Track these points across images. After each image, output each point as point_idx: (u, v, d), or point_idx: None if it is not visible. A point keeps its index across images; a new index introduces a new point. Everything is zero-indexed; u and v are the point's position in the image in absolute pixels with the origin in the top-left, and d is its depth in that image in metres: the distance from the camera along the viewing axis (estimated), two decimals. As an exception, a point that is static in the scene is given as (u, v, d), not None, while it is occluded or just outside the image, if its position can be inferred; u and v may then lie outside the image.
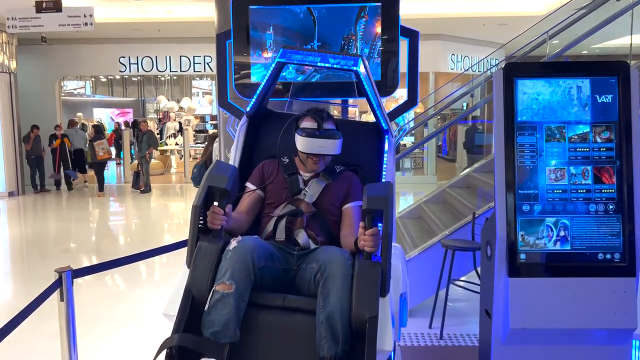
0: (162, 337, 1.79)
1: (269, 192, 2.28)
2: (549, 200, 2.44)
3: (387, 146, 2.43)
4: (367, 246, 1.84)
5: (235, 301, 1.76)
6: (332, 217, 2.25)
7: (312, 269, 1.93)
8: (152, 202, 10.67)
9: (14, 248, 7.34)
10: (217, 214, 1.88)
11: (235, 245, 1.86)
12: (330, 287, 1.80)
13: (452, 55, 12.22)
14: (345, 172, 2.34)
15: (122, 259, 2.83)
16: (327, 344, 1.74)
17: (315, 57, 2.01)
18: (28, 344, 3.93)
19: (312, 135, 2.18)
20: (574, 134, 2.45)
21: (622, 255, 2.40)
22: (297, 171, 2.30)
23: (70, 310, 2.49)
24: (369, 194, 1.84)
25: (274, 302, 1.88)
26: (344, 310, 1.76)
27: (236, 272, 1.79)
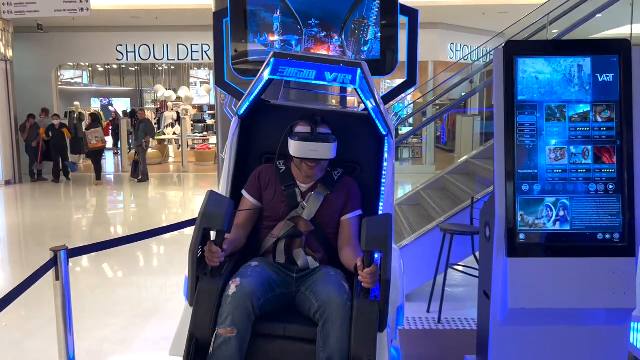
0: (157, 324, 1.81)
1: (265, 204, 2.25)
2: (549, 180, 2.42)
3: (387, 149, 2.35)
4: (365, 283, 1.85)
5: (238, 343, 1.83)
6: (331, 230, 2.24)
7: (311, 302, 1.95)
8: (149, 191, 10.64)
9: (11, 235, 7.32)
10: (215, 254, 1.88)
11: (235, 291, 1.88)
12: (329, 329, 1.85)
13: (452, 44, 12.16)
14: (344, 178, 2.29)
15: (118, 239, 2.81)
16: None
17: (310, 70, 1.90)
18: (23, 329, 3.93)
19: (305, 139, 2.12)
20: (575, 113, 2.43)
21: (621, 235, 2.38)
22: (294, 181, 2.24)
23: (66, 290, 2.47)
24: (367, 233, 1.81)
25: (275, 332, 1.94)
26: (344, 352, 1.82)
27: (237, 317, 1.84)
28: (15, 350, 3.55)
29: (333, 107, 2.56)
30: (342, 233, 2.21)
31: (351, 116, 2.51)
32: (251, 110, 2.36)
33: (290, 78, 1.95)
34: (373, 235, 1.79)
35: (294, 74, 1.92)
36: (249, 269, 2.01)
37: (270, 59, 1.93)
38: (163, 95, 17.28)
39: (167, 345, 3.53)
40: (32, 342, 3.67)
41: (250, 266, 2.04)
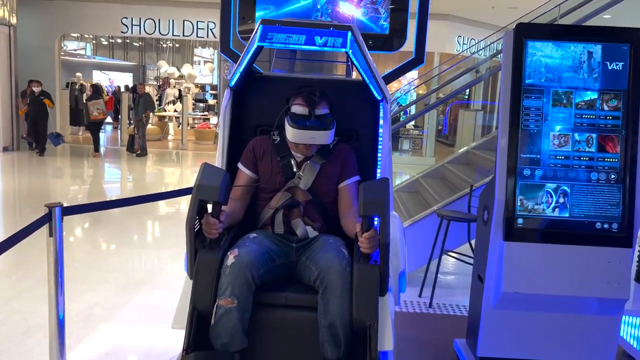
0: (148, 293, 1.79)
1: (261, 175, 2.22)
2: (551, 166, 2.40)
3: (383, 114, 2.31)
4: (364, 248, 1.84)
5: (239, 314, 1.82)
6: (329, 199, 2.21)
7: (311, 270, 1.94)
8: (147, 166, 10.60)
9: (6, 201, 7.30)
10: (213, 225, 1.86)
11: (233, 261, 1.86)
12: (329, 296, 1.84)
13: (459, 37, 12.09)
14: (339, 145, 2.25)
15: (113, 201, 2.79)
16: (329, 348, 1.82)
17: (299, 35, 1.87)
18: (13, 288, 3.92)
19: (302, 126, 2.05)
20: (581, 100, 2.41)
21: (620, 226, 2.37)
22: (290, 152, 2.20)
23: (59, 247, 2.45)
24: (365, 197, 1.79)
25: (276, 301, 1.93)
26: (345, 318, 1.82)
27: (236, 288, 1.83)
28: (4, 309, 3.54)
29: (326, 76, 2.49)
30: (342, 200, 2.19)
31: (346, 84, 2.45)
32: (243, 82, 2.32)
33: (280, 45, 1.92)
34: (370, 200, 1.77)
35: (283, 40, 1.89)
36: (247, 240, 2.00)
37: (258, 26, 1.91)
38: (166, 71, 17.17)
39: (157, 314, 3.55)
40: (21, 302, 3.66)
41: (249, 237, 2.02)
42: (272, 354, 1.92)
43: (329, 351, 1.82)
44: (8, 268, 4.36)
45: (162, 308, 3.70)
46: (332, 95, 2.23)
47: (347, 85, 2.45)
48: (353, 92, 2.39)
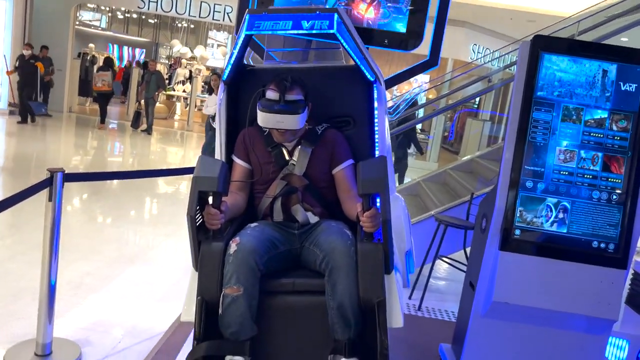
0: (140, 267, 1.78)
1: (254, 166, 2.21)
2: (554, 181, 2.40)
3: (377, 95, 2.29)
4: (367, 227, 1.83)
5: (246, 301, 1.81)
6: (324, 184, 2.20)
7: (316, 254, 1.94)
8: (150, 144, 10.61)
9: (7, 164, 7.31)
10: (214, 216, 1.85)
11: (236, 249, 1.86)
12: (335, 277, 1.84)
13: (474, 45, 12.04)
14: (327, 131, 2.24)
15: (115, 172, 2.79)
16: (340, 329, 1.82)
17: (286, 21, 1.87)
18: (8, 251, 3.94)
19: (269, 109, 2.03)
20: (591, 118, 2.40)
21: (616, 246, 2.37)
22: (279, 143, 2.20)
23: (57, 212, 2.46)
24: (363, 176, 1.78)
25: (284, 287, 1.93)
26: (353, 298, 1.81)
27: (241, 275, 1.82)
28: (-4, 271, 3.56)
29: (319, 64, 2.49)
30: (340, 186, 2.18)
31: (339, 70, 2.43)
32: (237, 75, 2.31)
33: (267, 31, 1.93)
34: (369, 178, 1.76)
35: (270, 27, 1.90)
36: (249, 229, 2.00)
37: (245, 16, 1.93)
38: (179, 51, 17.15)
39: (147, 289, 3.56)
40: (14, 265, 3.68)
41: (250, 227, 2.02)
42: (283, 340, 1.92)
43: (340, 332, 1.82)
44: (4, 231, 4.37)
45: (153, 284, 3.71)
46: (325, 82, 2.23)
47: (340, 71, 2.43)
48: (347, 77, 2.37)
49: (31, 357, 2.56)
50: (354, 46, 2.07)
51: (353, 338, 1.83)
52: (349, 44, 2.04)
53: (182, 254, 4.58)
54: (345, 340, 1.82)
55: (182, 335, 2.80)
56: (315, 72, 2.36)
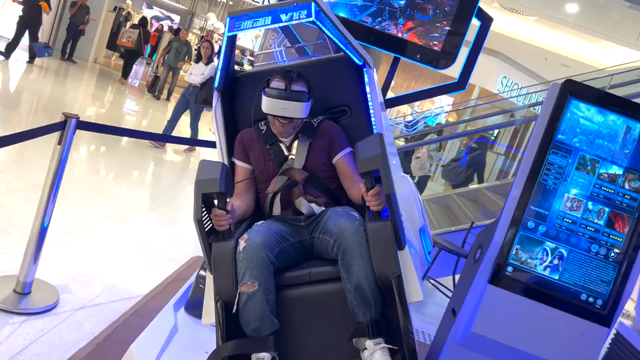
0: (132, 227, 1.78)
1: (254, 165, 2.21)
2: (556, 226, 2.39)
3: (368, 79, 2.30)
4: (373, 206, 1.82)
5: (263, 296, 1.79)
6: (325, 174, 2.21)
7: (326, 241, 1.93)
8: (167, 110, 10.63)
9: (24, 102, 7.34)
10: (220, 217, 1.85)
11: (244, 246, 1.85)
12: (349, 259, 1.82)
13: (504, 77, 12.01)
14: (323, 123, 2.25)
15: (129, 130, 2.80)
16: (360, 311, 1.80)
17: (265, 17, 1.89)
18: (8, 185, 3.96)
19: (276, 96, 2.07)
20: (605, 172, 2.39)
21: (604, 303, 2.36)
22: (277, 138, 2.21)
23: (64, 155, 2.47)
24: (360, 155, 1.78)
25: (301, 279, 1.92)
26: (369, 277, 1.79)
27: (254, 270, 1.81)
28: (-8, 202, 3.58)
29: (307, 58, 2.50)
30: (342, 173, 2.19)
31: (330, 62, 2.45)
32: (229, 81, 2.33)
33: (248, 29, 1.96)
34: (367, 156, 1.75)
35: (250, 25, 1.93)
36: (255, 226, 2.00)
37: (226, 19, 1.99)
38: (213, 25, 17.17)
39: (133, 251, 3.58)
40: (11, 200, 3.70)
41: (257, 224, 2.03)
42: (307, 331, 1.90)
43: (361, 314, 1.80)
44: (7, 165, 4.40)
45: (141, 246, 3.73)
46: (318, 76, 2.24)
47: (330, 63, 2.44)
48: (337, 68, 2.39)
49: (9, 293, 2.58)
50: (337, 33, 2.07)
51: (375, 318, 1.79)
52: (332, 31, 2.05)
53: (175, 223, 4.60)
54: (368, 321, 1.79)
55: (160, 302, 2.80)
56: (305, 67, 2.36)
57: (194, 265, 3.55)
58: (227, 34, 2.02)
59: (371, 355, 1.74)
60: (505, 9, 8.81)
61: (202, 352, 2.23)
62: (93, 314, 2.72)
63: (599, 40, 8.80)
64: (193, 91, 7.01)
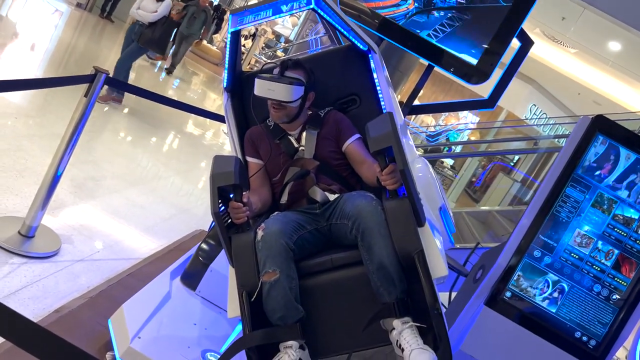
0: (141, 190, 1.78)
1: (265, 160, 2.21)
2: (562, 259, 2.37)
3: (374, 65, 2.29)
4: (389, 185, 1.79)
5: (285, 283, 1.77)
6: (336, 162, 2.20)
7: (345, 225, 1.90)
8: (195, 83, 10.68)
9: (58, 52, 7.43)
10: (237, 209, 1.84)
11: (263, 234, 1.84)
12: (369, 239, 1.79)
13: (533, 105, 11.90)
14: (329, 113, 2.25)
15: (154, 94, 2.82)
16: (385, 291, 1.76)
17: (266, 10, 1.92)
18: (28, 130, 4.01)
19: (264, 78, 2.07)
20: (621, 214, 2.36)
21: (598, 345, 2.33)
22: (285, 132, 2.21)
23: (88, 109, 2.49)
24: (371, 135, 1.76)
25: (322, 266, 1.90)
26: (391, 256, 1.76)
27: (274, 258, 1.79)
28: (12, 143, 3.62)
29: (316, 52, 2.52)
30: (354, 159, 2.18)
31: (336, 52, 2.46)
32: (238, 82, 2.34)
33: (250, 24, 2.01)
34: (378, 135, 1.74)
35: (252, 19, 1.97)
36: (272, 216, 2.00)
37: (229, 17, 2.03)
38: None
39: (140, 214, 3.61)
40: (30, 144, 3.75)
41: (273, 215, 2.02)
42: (333, 317, 1.88)
43: (386, 294, 1.75)
44: (31, 110, 4.45)
45: (147, 210, 3.76)
46: (324, 68, 2.24)
47: (336, 53, 2.45)
48: (343, 58, 2.39)
49: (14, 234, 2.62)
50: (339, 20, 2.07)
51: (401, 297, 1.75)
52: (332, 18, 2.05)
53: (186, 194, 4.63)
54: (394, 300, 1.75)
55: (157, 268, 2.83)
56: (313, 60, 2.37)
57: (196, 237, 3.57)
58: (230, 30, 2.05)
59: (399, 334, 1.69)
60: (547, 37, 8.71)
61: (191, 323, 2.25)
62: (91, 268, 2.75)
63: (636, 83, 8.68)
64: (139, 30, 6.07)
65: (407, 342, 1.65)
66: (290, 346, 1.74)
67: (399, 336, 1.69)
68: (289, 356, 1.72)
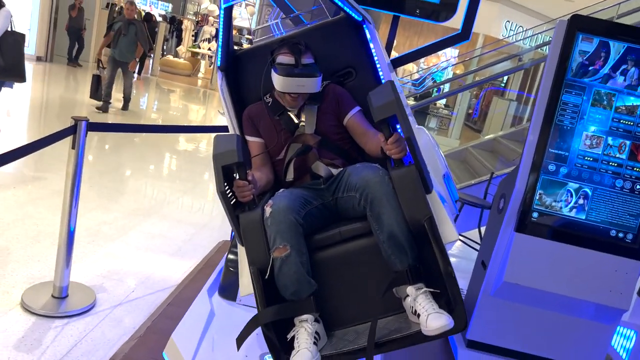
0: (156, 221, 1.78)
1: (265, 138, 2.19)
2: (577, 166, 2.36)
3: (370, 36, 2.27)
4: (395, 154, 1.79)
5: (296, 258, 1.77)
6: (338, 137, 2.19)
7: (352, 197, 1.89)
8: (172, 100, 10.64)
9: (33, 109, 7.40)
10: (243, 187, 1.83)
11: (271, 211, 1.83)
12: (378, 208, 1.79)
13: (507, 22, 11.73)
14: (327, 87, 2.23)
15: (138, 125, 2.81)
16: (397, 259, 1.76)
17: None
18: (30, 195, 4.02)
19: (290, 74, 2.03)
20: (622, 104, 2.34)
21: (634, 237, 2.34)
22: (285, 108, 2.18)
23: (79, 160, 2.49)
24: (374, 104, 1.75)
25: (331, 239, 1.90)
26: (400, 223, 1.76)
27: (284, 233, 1.79)
28: (18, 212, 3.64)
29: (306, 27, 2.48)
30: (356, 131, 2.17)
31: (328, 26, 2.42)
32: (232, 59, 2.30)
33: None
34: (381, 104, 1.73)
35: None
36: (277, 193, 2.00)
37: None
38: (206, 8, 16.97)
39: (162, 242, 3.64)
40: (35, 208, 3.76)
41: (279, 192, 2.02)
42: (345, 289, 1.88)
43: (398, 262, 1.75)
44: (26, 175, 4.46)
45: (167, 238, 3.78)
46: (318, 42, 2.21)
47: (329, 27, 2.41)
48: (337, 31, 2.36)
49: (48, 298, 2.65)
50: None
51: (413, 264, 1.75)
52: None
53: (198, 212, 4.64)
54: (406, 267, 1.75)
55: (193, 290, 2.86)
56: (305, 35, 2.33)
57: (221, 249, 3.60)
58: (222, 5, 2.00)
59: (414, 300, 1.70)
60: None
61: (241, 333, 2.27)
62: (130, 308, 2.78)
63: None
64: None
65: (422, 308, 1.66)
66: (305, 320, 1.75)
67: (413, 302, 1.70)
68: (306, 330, 1.73)
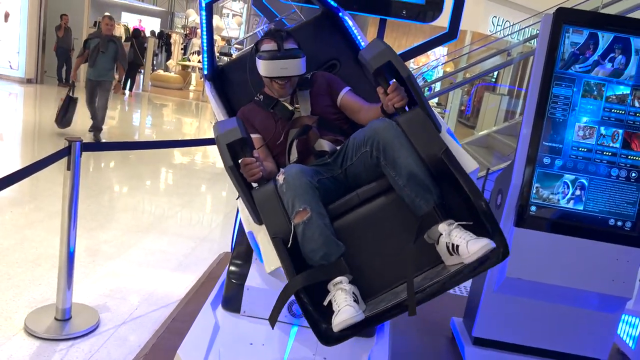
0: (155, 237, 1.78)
1: (264, 132, 2.19)
2: (572, 157, 2.37)
3: (351, 22, 2.34)
4: (396, 102, 1.78)
5: (318, 220, 1.73)
6: (334, 117, 2.22)
7: (364, 154, 1.84)
8: (165, 114, 10.63)
9: (25, 132, 7.38)
10: (251, 164, 1.80)
11: (284, 177, 1.81)
12: (392, 152, 1.75)
13: (494, 17, 11.78)
14: (315, 74, 2.27)
15: (132, 143, 2.81)
16: (422, 200, 1.70)
17: None
18: (27, 218, 4.01)
19: (273, 57, 2.05)
20: (613, 94, 2.36)
21: (633, 225, 2.35)
22: (277, 100, 2.20)
23: (75, 181, 2.49)
24: (367, 57, 1.75)
25: (350, 203, 1.87)
26: (418, 162, 1.72)
27: (301, 196, 1.75)
28: (16, 237, 3.63)
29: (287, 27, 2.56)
30: (351, 109, 2.20)
31: (306, 25, 2.49)
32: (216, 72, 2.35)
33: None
34: (374, 54, 1.74)
35: None
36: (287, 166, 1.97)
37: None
38: (194, 21, 17.03)
39: (163, 258, 3.63)
40: (33, 232, 3.75)
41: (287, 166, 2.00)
42: (374, 249, 1.83)
43: (424, 203, 1.69)
44: (22, 198, 4.45)
45: (168, 253, 3.77)
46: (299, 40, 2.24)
47: (307, 26, 2.49)
48: (315, 28, 2.44)
49: (52, 321, 2.64)
50: None
51: (438, 202, 1.69)
52: None
53: (197, 225, 4.63)
54: (432, 207, 1.70)
55: (197, 304, 2.85)
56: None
57: (223, 262, 3.59)
58: (204, 2, 2.05)
59: (449, 235, 1.64)
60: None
61: (247, 344, 2.26)
62: (135, 326, 2.77)
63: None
64: None
65: (460, 238, 1.61)
66: (340, 281, 1.69)
67: (448, 238, 1.64)
68: (344, 291, 1.66)
